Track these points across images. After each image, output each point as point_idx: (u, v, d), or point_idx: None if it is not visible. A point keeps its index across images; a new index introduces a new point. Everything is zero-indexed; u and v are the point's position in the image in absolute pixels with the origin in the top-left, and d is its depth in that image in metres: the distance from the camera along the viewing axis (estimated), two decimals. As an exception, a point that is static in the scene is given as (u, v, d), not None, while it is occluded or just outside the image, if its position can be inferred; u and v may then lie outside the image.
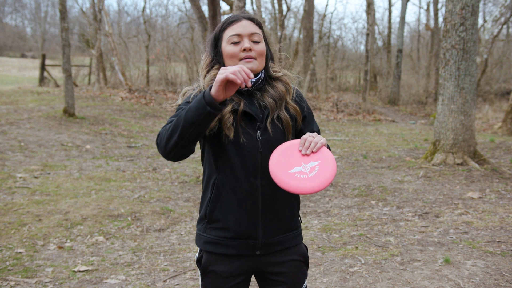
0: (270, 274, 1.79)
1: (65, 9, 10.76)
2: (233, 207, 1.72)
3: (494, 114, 16.01)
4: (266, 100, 1.74)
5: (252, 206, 1.71)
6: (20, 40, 41.45)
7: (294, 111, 1.79)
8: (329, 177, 1.55)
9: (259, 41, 1.74)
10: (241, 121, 1.70)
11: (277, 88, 1.77)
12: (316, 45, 17.90)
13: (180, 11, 27.83)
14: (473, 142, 7.07)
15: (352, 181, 6.76)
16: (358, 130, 12.92)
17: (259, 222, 1.73)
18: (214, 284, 1.77)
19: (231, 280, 1.76)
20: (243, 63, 1.70)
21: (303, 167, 1.58)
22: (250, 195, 1.71)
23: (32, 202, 5.35)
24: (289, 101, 1.79)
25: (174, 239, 4.55)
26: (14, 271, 3.69)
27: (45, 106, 11.95)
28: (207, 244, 1.77)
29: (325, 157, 1.59)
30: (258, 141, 1.71)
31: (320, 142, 1.63)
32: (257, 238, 1.74)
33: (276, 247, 1.77)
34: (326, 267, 3.80)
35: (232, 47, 1.72)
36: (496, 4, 21.70)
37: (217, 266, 1.75)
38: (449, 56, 6.98)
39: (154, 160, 8.15)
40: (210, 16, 7.70)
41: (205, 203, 1.78)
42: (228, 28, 1.74)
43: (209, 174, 1.77)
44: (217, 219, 1.74)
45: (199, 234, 1.80)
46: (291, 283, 1.80)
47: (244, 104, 1.72)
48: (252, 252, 1.75)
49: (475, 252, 4.00)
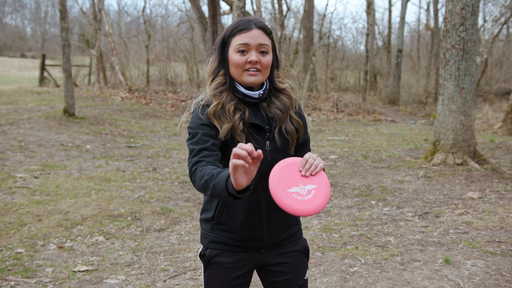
0: (272, 265, 1.84)
1: (65, 9, 10.76)
2: (240, 212, 1.76)
3: (494, 114, 16.01)
4: (273, 112, 1.77)
5: (258, 211, 1.77)
6: (20, 40, 41.45)
7: (297, 125, 1.82)
8: (322, 203, 1.62)
9: (267, 52, 1.73)
10: (250, 129, 1.72)
11: (282, 101, 1.80)
12: (316, 45, 17.89)
13: (180, 11, 27.85)
14: (473, 142, 7.07)
15: (352, 181, 6.76)
16: (358, 130, 12.92)
17: (264, 225, 1.79)
18: (217, 274, 1.79)
19: (234, 272, 1.79)
20: (246, 75, 1.71)
21: (300, 188, 1.63)
22: (255, 201, 1.76)
23: (32, 202, 5.35)
24: (292, 114, 1.81)
25: (174, 239, 4.55)
26: (14, 271, 3.69)
27: (45, 106, 11.95)
28: (213, 243, 1.81)
29: (322, 182, 1.66)
30: (267, 150, 1.75)
31: (320, 166, 1.66)
32: (263, 240, 1.80)
33: (281, 244, 1.84)
34: (326, 267, 3.80)
35: (238, 56, 1.71)
36: (496, 4, 21.69)
37: (221, 257, 1.79)
38: (449, 56, 6.98)
39: (154, 160, 8.15)
40: (210, 16, 7.70)
41: (213, 207, 1.80)
42: (237, 36, 1.72)
43: None
44: (224, 223, 1.78)
45: (206, 234, 1.83)
46: (293, 273, 1.84)
47: (250, 114, 1.73)
48: (258, 251, 1.81)
49: (475, 252, 4.00)
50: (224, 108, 1.71)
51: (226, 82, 1.76)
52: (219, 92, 1.75)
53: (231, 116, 1.70)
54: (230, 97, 1.74)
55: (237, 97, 1.75)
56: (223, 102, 1.72)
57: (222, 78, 1.77)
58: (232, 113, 1.70)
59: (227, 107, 1.71)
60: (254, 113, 1.75)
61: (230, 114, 1.70)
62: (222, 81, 1.76)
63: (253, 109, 1.76)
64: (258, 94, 1.75)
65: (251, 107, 1.76)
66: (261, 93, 1.75)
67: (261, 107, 1.77)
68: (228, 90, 1.75)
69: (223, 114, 1.71)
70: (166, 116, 13.38)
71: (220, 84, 1.76)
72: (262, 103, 1.78)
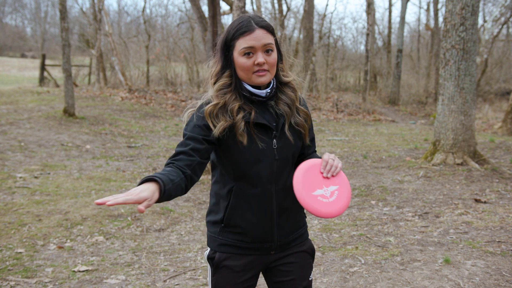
0: (279, 265, 1.84)
1: (65, 9, 10.76)
2: (250, 213, 1.75)
3: (494, 114, 16.01)
4: (282, 108, 1.77)
5: (269, 212, 1.76)
6: (20, 40, 41.44)
7: (304, 114, 1.82)
8: (346, 203, 1.69)
9: (272, 50, 1.73)
10: (254, 130, 1.71)
11: (288, 94, 1.79)
12: (316, 45, 17.90)
13: (180, 11, 27.81)
14: (473, 142, 7.07)
15: (352, 181, 6.76)
16: (358, 130, 12.92)
17: (274, 226, 1.78)
18: (226, 278, 1.79)
19: (243, 275, 1.79)
20: (255, 76, 1.71)
21: (324, 190, 1.68)
22: (266, 201, 1.75)
23: (32, 202, 5.35)
24: (298, 105, 1.81)
25: (174, 239, 4.55)
26: (14, 271, 3.69)
27: (45, 106, 11.95)
28: (222, 246, 1.79)
29: (344, 182, 1.72)
30: (274, 149, 1.75)
31: (339, 166, 1.71)
32: (273, 241, 1.80)
33: (290, 245, 1.85)
34: (326, 267, 3.80)
35: (244, 59, 1.70)
36: (496, 4, 21.69)
37: (230, 261, 1.78)
38: (449, 56, 6.98)
39: (154, 160, 8.15)
40: (210, 16, 7.70)
41: (221, 209, 1.79)
42: (241, 39, 1.69)
43: (224, 182, 1.78)
44: (234, 225, 1.77)
45: (214, 237, 1.81)
46: (298, 273, 1.85)
47: (256, 114, 1.72)
48: (268, 252, 1.81)
49: (475, 252, 4.00)
50: (225, 108, 1.71)
51: (232, 83, 1.74)
52: (223, 93, 1.73)
53: (233, 116, 1.69)
54: (235, 97, 1.72)
55: (244, 96, 1.74)
56: (225, 102, 1.71)
57: (227, 79, 1.75)
58: (235, 113, 1.69)
59: (230, 107, 1.70)
60: (262, 112, 1.75)
61: (234, 113, 1.69)
62: (228, 82, 1.74)
63: (261, 108, 1.75)
64: (266, 93, 1.74)
65: (259, 106, 1.75)
66: (268, 92, 1.75)
67: (269, 105, 1.77)
68: (233, 91, 1.74)
69: (223, 113, 1.70)
70: (166, 116, 13.38)
71: (225, 85, 1.74)
72: (270, 101, 1.77)
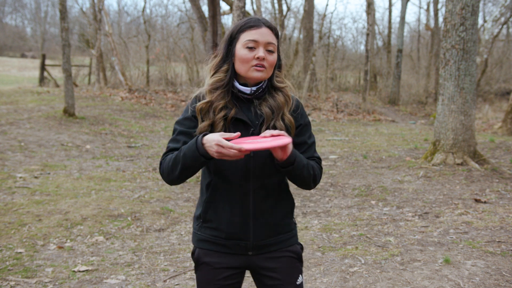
0: (263, 269, 1.84)
1: (65, 9, 10.76)
2: (225, 209, 1.78)
3: (494, 114, 16.01)
4: (263, 109, 1.78)
5: (244, 209, 1.77)
6: (20, 40, 41.43)
7: (288, 122, 1.81)
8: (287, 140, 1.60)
9: (273, 51, 1.77)
10: (230, 126, 1.74)
11: (276, 99, 1.80)
12: (316, 45, 17.89)
13: (180, 11, 27.82)
14: (473, 142, 7.07)
15: (352, 181, 6.76)
16: (358, 130, 12.92)
17: (250, 224, 1.78)
18: (207, 275, 1.82)
19: (223, 272, 1.80)
20: (253, 70, 1.74)
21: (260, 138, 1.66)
22: (242, 198, 1.77)
23: (32, 202, 5.35)
24: (286, 112, 1.81)
25: (174, 239, 4.55)
26: (14, 271, 3.69)
27: (45, 106, 11.95)
28: (200, 241, 1.84)
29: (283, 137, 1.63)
30: None
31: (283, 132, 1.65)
32: (248, 240, 1.79)
33: (269, 248, 1.82)
34: (326, 267, 3.80)
35: (246, 51, 1.74)
36: (496, 4, 21.70)
37: (210, 258, 1.81)
38: (449, 56, 6.98)
39: (154, 160, 8.15)
40: (210, 16, 7.70)
41: (201, 203, 1.85)
42: (246, 32, 1.75)
43: (206, 176, 1.83)
44: (210, 219, 1.81)
45: (195, 232, 1.87)
46: (284, 277, 1.84)
47: (238, 110, 1.76)
48: (244, 252, 1.81)
49: (475, 252, 4.00)
50: (212, 105, 1.76)
51: (225, 79, 1.78)
52: (215, 88, 1.78)
53: (215, 113, 1.74)
54: (222, 95, 1.76)
55: (232, 93, 1.78)
56: (213, 100, 1.76)
57: (222, 74, 1.78)
58: (218, 111, 1.74)
59: (215, 104, 1.75)
60: (246, 109, 1.78)
61: (216, 112, 1.74)
62: (222, 78, 1.78)
63: (245, 106, 1.79)
64: (250, 90, 1.77)
65: (243, 103, 1.79)
66: (253, 90, 1.77)
67: (253, 105, 1.79)
68: (224, 88, 1.77)
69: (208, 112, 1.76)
70: (166, 116, 13.38)
71: (219, 81, 1.78)
72: (256, 100, 1.79)
